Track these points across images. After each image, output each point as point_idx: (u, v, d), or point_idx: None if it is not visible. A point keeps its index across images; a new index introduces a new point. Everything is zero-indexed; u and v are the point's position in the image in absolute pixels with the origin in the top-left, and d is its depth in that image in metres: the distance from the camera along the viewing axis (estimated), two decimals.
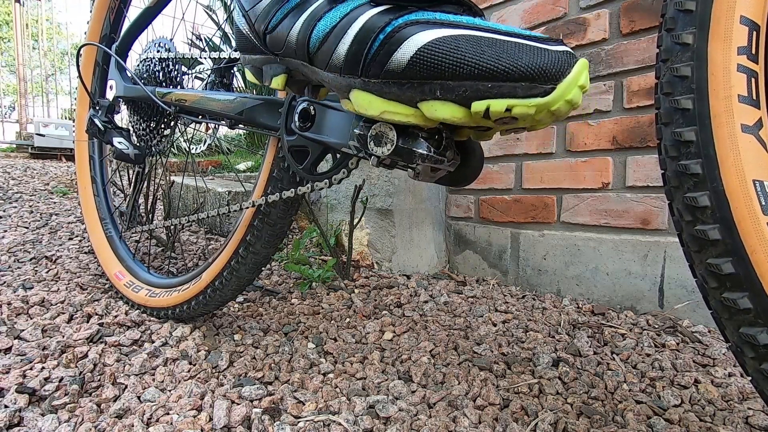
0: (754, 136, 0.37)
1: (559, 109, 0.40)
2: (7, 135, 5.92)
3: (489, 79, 0.40)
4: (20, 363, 0.72)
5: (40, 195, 2.09)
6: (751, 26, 0.38)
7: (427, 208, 1.47)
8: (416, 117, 0.45)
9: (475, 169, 0.55)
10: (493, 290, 1.29)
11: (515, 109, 0.40)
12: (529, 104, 0.40)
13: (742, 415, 0.67)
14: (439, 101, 0.42)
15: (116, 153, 0.92)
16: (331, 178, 0.63)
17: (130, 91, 0.95)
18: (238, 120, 0.75)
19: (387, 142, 0.50)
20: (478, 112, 0.41)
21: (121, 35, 1.03)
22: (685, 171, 0.39)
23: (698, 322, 1.02)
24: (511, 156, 1.36)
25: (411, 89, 0.43)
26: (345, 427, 0.61)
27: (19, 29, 5.38)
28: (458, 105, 0.42)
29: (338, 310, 1.05)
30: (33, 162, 3.57)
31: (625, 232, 1.13)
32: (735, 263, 0.37)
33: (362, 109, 0.47)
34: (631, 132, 1.12)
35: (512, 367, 0.80)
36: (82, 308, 0.94)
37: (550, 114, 0.41)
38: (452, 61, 0.41)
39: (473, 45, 0.41)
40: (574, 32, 1.21)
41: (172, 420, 0.61)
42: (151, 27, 1.01)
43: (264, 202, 0.72)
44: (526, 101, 0.40)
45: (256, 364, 0.78)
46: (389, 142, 0.50)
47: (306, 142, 0.65)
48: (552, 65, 0.39)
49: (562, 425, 0.63)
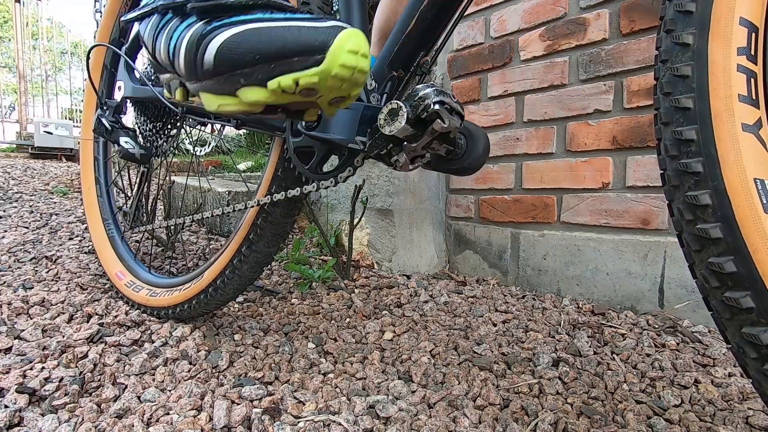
0: (755, 135, 0.37)
1: (340, 74, 0.45)
2: (7, 135, 5.92)
3: (271, 60, 0.46)
4: (20, 363, 0.72)
5: (40, 195, 2.09)
6: (750, 27, 0.38)
7: (427, 208, 1.47)
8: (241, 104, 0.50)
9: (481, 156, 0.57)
10: (493, 290, 1.29)
11: (302, 80, 0.45)
12: (309, 74, 0.45)
13: (742, 415, 0.67)
14: (246, 87, 0.48)
15: (122, 152, 0.93)
16: (336, 176, 0.64)
17: (138, 92, 0.97)
18: (244, 121, 0.76)
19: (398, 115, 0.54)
20: (275, 90, 0.46)
21: (130, 38, 1.05)
22: (686, 170, 0.39)
23: (698, 322, 1.02)
24: (511, 156, 1.36)
25: (227, 82, 0.49)
26: (345, 427, 0.61)
27: (19, 28, 5.38)
28: (260, 87, 0.47)
29: (338, 310, 1.05)
30: (33, 162, 3.57)
31: (625, 232, 1.13)
32: (737, 262, 0.36)
33: (208, 106, 0.53)
34: (631, 132, 1.12)
35: (512, 367, 0.80)
36: (82, 308, 0.94)
37: (336, 80, 0.46)
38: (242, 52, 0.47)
39: (254, 35, 0.47)
40: (574, 32, 1.21)
41: (172, 420, 0.61)
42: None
43: (269, 201, 0.73)
44: (306, 72, 0.45)
45: (256, 364, 0.78)
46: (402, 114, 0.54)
47: (312, 142, 0.66)
48: (316, 38, 0.45)
49: (562, 425, 0.63)
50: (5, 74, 13.75)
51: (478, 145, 0.56)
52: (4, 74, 13.73)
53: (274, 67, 0.46)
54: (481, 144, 0.56)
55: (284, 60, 0.46)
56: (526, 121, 1.33)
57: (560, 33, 1.24)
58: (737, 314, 0.38)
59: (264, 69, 0.46)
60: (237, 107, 0.51)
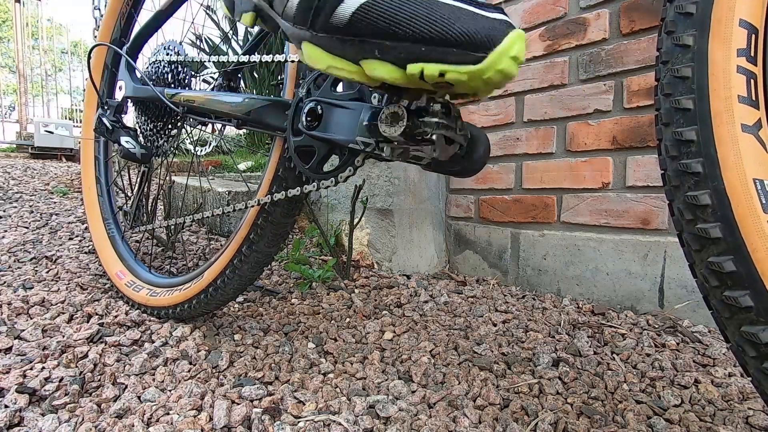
0: (754, 135, 0.37)
1: (491, 78, 0.40)
2: (7, 135, 5.92)
3: (424, 42, 0.40)
4: (20, 363, 0.72)
5: (40, 195, 2.09)
6: (750, 29, 0.38)
7: (427, 208, 1.47)
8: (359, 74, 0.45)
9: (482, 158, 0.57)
10: (493, 290, 1.29)
11: (448, 75, 0.40)
12: (461, 71, 0.40)
13: (742, 415, 0.67)
14: (377, 60, 0.42)
15: (123, 152, 0.94)
16: (337, 176, 0.64)
17: (139, 91, 0.97)
18: (245, 120, 0.76)
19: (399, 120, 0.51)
20: (413, 74, 0.41)
21: (131, 38, 1.06)
22: (686, 170, 0.39)
23: (698, 322, 1.02)
24: (511, 156, 1.36)
25: (353, 46, 0.43)
26: (345, 427, 0.61)
27: (19, 28, 5.38)
28: (395, 66, 0.42)
29: (338, 310, 1.05)
30: (33, 162, 3.57)
31: (625, 232, 1.14)
32: (736, 261, 0.37)
33: (311, 62, 0.47)
34: (631, 132, 1.12)
35: (512, 367, 0.80)
36: (82, 308, 0.94)
37: (484, 82, 0.41)
38: (390, 21, 0.40)
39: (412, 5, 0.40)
40: (574, 32, 1.21)
41: (172, 420, 0.61)
42: (160, 30, 1.03)
43: (269, 201, 0.73)
44: (458, 67, 0.40)
45: (256, 364, 0.78)
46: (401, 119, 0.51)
47: (313, 142, 0.66)
48: (484, 33, 0.39)
49: (562, 425, 0.63)
50: (5, 74, 13.75)
51: (478, 147, 0.56)
52: (4, 74, 13.73)
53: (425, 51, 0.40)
54: (481, 146, 0.56)
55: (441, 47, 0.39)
56: (526, 121, 1.33)
57: (560, 33, 1.25)
58: (737, 313, 0.38)
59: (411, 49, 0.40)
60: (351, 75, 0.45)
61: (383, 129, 0.53)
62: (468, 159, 0.56)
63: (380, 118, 0.53)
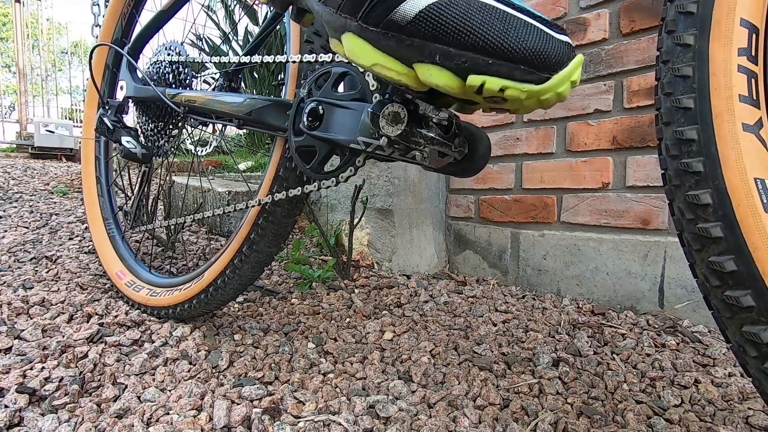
0: (755, 135, 0.37)
1: (548, 99, 0.40)
2: (7, 135, 5.92)
3: (491, 54, 0.38)
4: (20, 363, 0.72)
5: (40, 195, 2.08)
6: (750, 29, 0.38)
7: (427, 208, 1.47)
8: (408, 77, 0.42)
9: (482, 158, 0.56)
10: (493, 290, 1.29)
11: (508, 91, 0.39)
12: (522, 89, 0.39)
13: (743, 415, 0.67)
14: (436, 66, 0.40)
15: (124, 152, 0.94)
16: (338, 176, 0.64)
17: (140, 91, 0.98)
18: (246, 121, 0.76)
19: (399, 123, 0.51)
20: (472, 86, 0.40)
21: (133, 38, 1.06)
22: (687, 169, 0.39)
23: (698, 322, 1.02)
24: (511, 156, 1.36)
25: (411, 48, 0.40)
26: (345, 427, 0.61)
27: (19, 28, 5.38)
28: (454, 75, 0.40)
29: (338, 310, 1.05)
30: (33, 162, 3.56)
31: (625, 232, 1.13)
32: (737, 261, 0.37)
33: (353, 56, 0.44)
34: (631, 132, 1.12)
35: (512, 367, 0.80)
36: (82, 308, 0.94)
37: (538, 102, 0.40)
38: (459, 27, 0.38)
39: (484, 14, 0.39)
40: (574, 32, 1.21)
41: (172, 420, 0.61)
42: (161, 31, 1.03)
43: (270, 201, 0.73)
44: (521, 85, 0.39)
45: (256, 364, 0.78)
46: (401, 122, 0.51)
47: (314, 142, 0.66)
48: (554, 55, 0.39)
49: (562, 425, 0.63)
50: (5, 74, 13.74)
51: (479, 147, 0.56)
52: (4, 74, 13.72)
53: (491, 64, 0.38)
54: (482, 146, 0.56)
55: (509, 63, 0.38)
56: (526, 121, 1.33)
57: None
58: (738, 313, 0.38)
59: (476, 59, 0.38)
60: (398, 77, 0.42)
61: (382, 125, 0.53)
62: (468, 159, 0.56)
63: (382, 113, 0.52)
